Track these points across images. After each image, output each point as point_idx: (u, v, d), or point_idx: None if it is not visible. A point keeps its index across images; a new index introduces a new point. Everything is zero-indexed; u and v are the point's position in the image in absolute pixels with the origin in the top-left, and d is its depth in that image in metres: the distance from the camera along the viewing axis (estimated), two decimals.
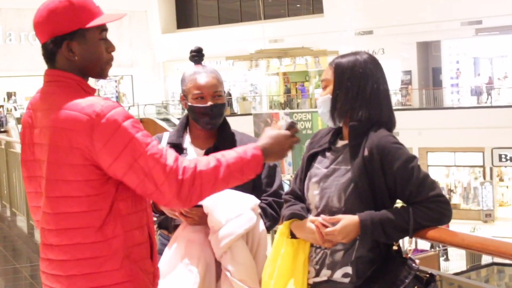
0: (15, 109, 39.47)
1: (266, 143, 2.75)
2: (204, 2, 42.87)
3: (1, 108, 39.55)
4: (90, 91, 2.68)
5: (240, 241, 3.35)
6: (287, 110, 34.47)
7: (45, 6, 2.65)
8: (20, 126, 30.98)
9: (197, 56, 3.75)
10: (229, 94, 40.03)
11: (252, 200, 3.45)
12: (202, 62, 3.77)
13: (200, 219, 3.41)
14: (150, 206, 2.83)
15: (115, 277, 2.62)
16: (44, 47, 2.69)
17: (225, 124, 3.72)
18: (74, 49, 2.65)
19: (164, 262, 3.45)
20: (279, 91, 42.00)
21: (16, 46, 39.93)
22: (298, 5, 39.35)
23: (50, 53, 2.69)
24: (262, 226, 3.48)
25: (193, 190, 2.56)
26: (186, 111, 3.78)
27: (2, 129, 32.55)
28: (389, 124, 3.11)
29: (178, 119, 35.41)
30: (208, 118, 3.61)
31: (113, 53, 2.78)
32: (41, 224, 2.72)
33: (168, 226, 3.65)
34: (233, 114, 35.38)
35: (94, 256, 2.60)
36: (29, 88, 40.51)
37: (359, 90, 3.08)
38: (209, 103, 3.58)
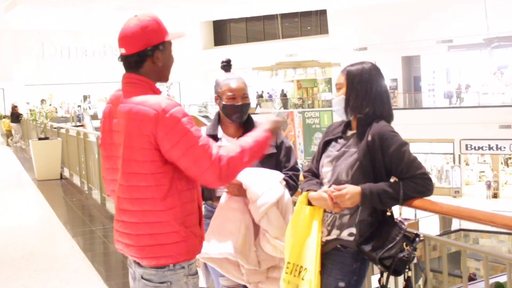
0: (89, 108, 39.64)
1: (271, 126, 2.84)
2: (235, 24, 42.78)
3: (79, 107, 39.79)
4: (157, 92, 2.72)
5: (273, 208, 3.40)
6: (300, 109, 34.39)
7: (137, 24, 2.67)
8: (93, 122, 31.24)
9: (227, 65, 3.81)
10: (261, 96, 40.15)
11: (278, 175, 3.51)
12: (231, 70, 3.83)
13: (239, 192, 3.46)
14: (199, 185, 2.85)
15: (173, 237, 2.66)
16: (135, 55, 2.69)
17: (249, 117, 3.75)
18: (160, 57, 2.70)
19: (215, 225, 3.51)
20: (294, 94, 41.90)
21: (90, 60, 40.15)
22: (309, 27, 39.20)
23: (139, 61, 2.70)
24: (288, 195, 3.52)
25: (229, 172, 2.62)
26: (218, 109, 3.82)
27: (79, 124, 32.63)
28: (388, 117, 3.13)
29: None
30: (238, 115, 3.65)
31: None
32: (117, 193, 2.74)
33: (212, 197, 3.68)
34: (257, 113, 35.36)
35: (158, 221, 2.64)
36: (99, 92, 40.83)
37: (366, 91, 3.10)
38: (240, 103, 3.64)
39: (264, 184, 3.42)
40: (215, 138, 3.66)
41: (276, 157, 3.67)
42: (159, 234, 2.65)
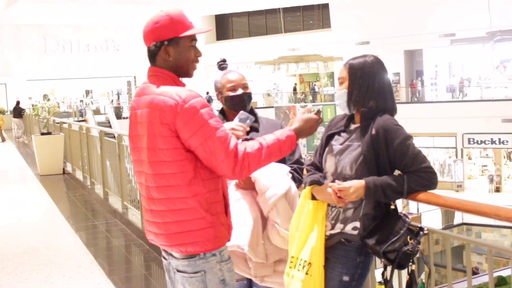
0: (92, 103, 39.67)
1: (298, 125, 2.87)
2: (237, 19, 42.74)
3: (81, 102, 39.79)
4: (180, 84, 2.81)
5: (282, 199, 3.41)
6: (302, 104, 34.37)
7: (152, 20, 2.80)
8: (95, 117, 31.23)
9: (223, 64, 3.83)
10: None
11: (285, 168, 3.51)
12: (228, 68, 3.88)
13: (246, 185, 3.49)
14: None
15: (200, 223, 2.71)
16: (148, 50, 2.82)
17: (253, 111, 3.75)
18: (170, 52, 2.78)
19: None
20: (297, 88, 41.86)
21: (92, 55, 40.12)
22: (311, 21, 39.15)
23: (152, 54, 2.81)
24: (294, 188, 3.53)
25: (244, 167, 2.67)
26: (220, 106, 3.86)
27: (82, 119, 32.63)
28: (392, 110, 3.12)
29: (217, 110, 35.36)
30: (241, 104, 3.68)
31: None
32: (145, 183, 2.81)
33: None
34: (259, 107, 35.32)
35: (184, 208, 2.71)
36: (101, 86, 40.78)
37: (368, 85, 3.09)
38: (241, 91, 3.68)
39: (272, 176, 3.43)
40: None
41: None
42: (185, 220, 2.71)
